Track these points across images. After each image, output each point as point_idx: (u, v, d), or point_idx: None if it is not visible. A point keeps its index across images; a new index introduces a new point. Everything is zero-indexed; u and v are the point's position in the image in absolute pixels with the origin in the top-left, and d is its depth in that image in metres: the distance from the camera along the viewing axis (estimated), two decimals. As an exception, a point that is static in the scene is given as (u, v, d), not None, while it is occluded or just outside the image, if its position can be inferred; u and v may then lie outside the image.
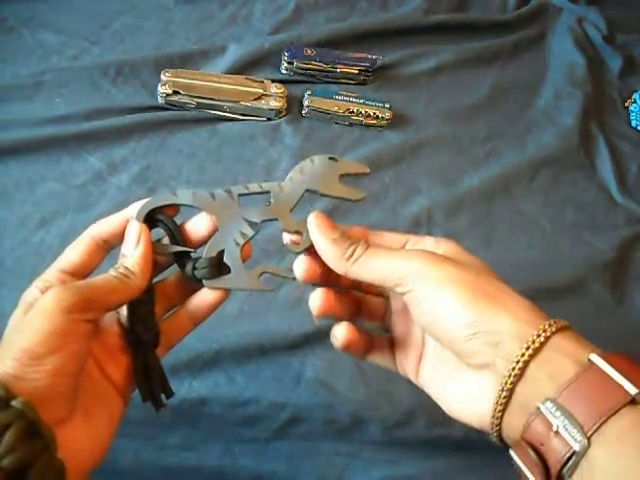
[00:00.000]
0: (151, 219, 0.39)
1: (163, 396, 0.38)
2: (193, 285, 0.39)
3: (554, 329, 0.33)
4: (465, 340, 0.34)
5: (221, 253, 0.39)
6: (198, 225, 0.40)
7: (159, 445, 0.63)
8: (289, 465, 0.65)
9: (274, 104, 0.82)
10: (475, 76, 0.96)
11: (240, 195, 0.40)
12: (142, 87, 0.82)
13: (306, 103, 0.83)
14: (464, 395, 0.36)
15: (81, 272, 0.37)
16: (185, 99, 0.80)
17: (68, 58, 0.84)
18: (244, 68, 0.86)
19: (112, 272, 0.36)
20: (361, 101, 0.84)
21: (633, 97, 0.97)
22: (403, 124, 0.87)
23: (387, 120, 0.84)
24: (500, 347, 0.33)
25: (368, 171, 0.42)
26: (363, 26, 0.95)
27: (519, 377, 0.32)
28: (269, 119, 0.83)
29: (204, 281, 0.39)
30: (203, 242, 0.40)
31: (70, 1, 0.90)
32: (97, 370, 0.36)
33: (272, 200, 0.40)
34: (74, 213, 0.70)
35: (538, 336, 0.33)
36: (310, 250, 0.40)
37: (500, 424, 0.34)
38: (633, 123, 0.95)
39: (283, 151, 0.80)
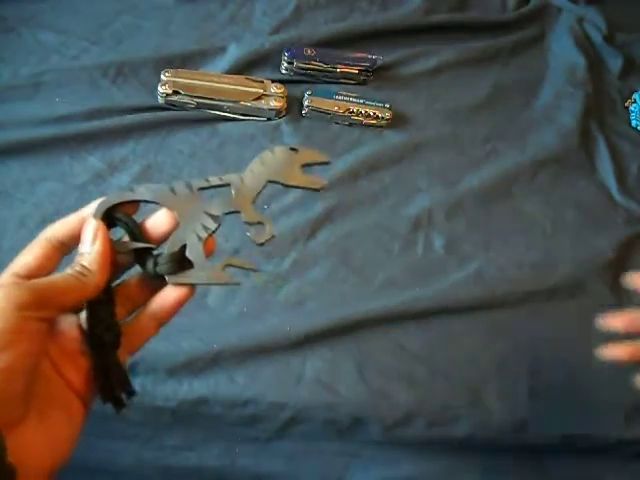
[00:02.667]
0: (109, 218, 0.38)
1: (125, 396, 0.37)
2: (156, 284, 0.38)
3: None
4: None
5: (183, 247, 0.38)
6: (159, 221, 0.39)
7: (159, 445, 0.63)
8: (289, 465, 0.65)
9: (274, 104, 0.82)
10: (475, 76, 0.96)
11: (200, 189, 0.39)
12: (142, 87, 0.82)
13: (306, 103, 0.83)
14: None
15: (37, 275, 0.35)
16: (185, 99, 0.80)
17: (68, 58, 0.84)
18: (244, 68, 0.86)
19: (68, 270, 0.35)
20: (361, 101, 0.84)
21: (633, 97, 0.97)
22: (403, 124, 0.87)
23: (387, 120, 0.84)
24: None
25: (329, 160, 0.42)
26: (363, 26, 0.95)
27: None
28: (269, 119, 0.83)
29: (167, 277, 0.37)
30: (164, 239, 0.38)
31: (70, 1, 0.90)
32: (55, 374, 0.35)
33: (233, 192, 0.40)
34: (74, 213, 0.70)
35: None
36: None
37: None
38: (633, 123, 0.95)
39: (283, 151, 0.80)
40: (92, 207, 0.37)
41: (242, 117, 0.82)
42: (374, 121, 0.84)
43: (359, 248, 0.74)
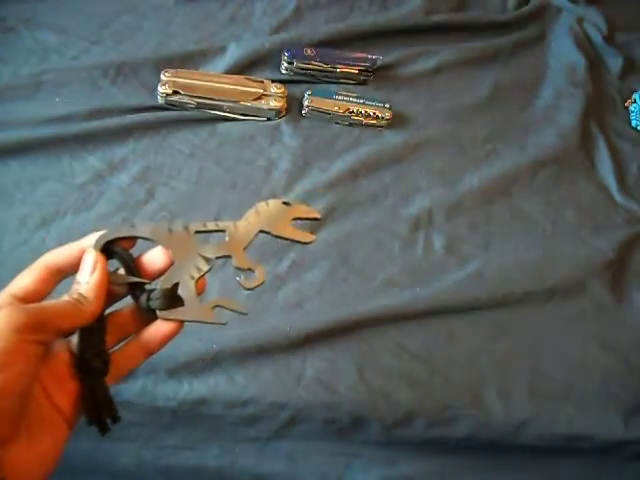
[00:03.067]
0: (107, 250, 0.40)
1: (109, 421, 0.38)
2: (146, 317, 0.40)
3: None
4: None
5: (176, 285, 0.40)
6: (154, 258, 0.41)
7: (159, 445, 0.63)
8: (289, 465, 0.65)
9: (274, 104, 0.82)
10: (475, 76, 0.96)
11: (197, 232, 0.41)
12: (142, 87, 0.82)
13: (306, 103, 0.83)
14: None
15: (32, 299, 0.37)
16: (185, 99, 0.80)
17: (68, 58, 0.84)
18: (244, 68, 0.86)
19: (66, 297, 0.37)
20: (361, 101, 0.84)
21: (633, 97, 0.97)
22: (403, 124, 0.87)
23: (387, 120, 0.84)
24: None
25: (319, 216, 0.45)
26: (363, 26, 0.95)
27: None
28: (269, 119, 0.83)
29: (158, 312, 0.39)
30: (158, 275, 0.40)
31: (70, 1, 0.90)
32: (44, 396, 0.36)
33: (227, 238, 0.42)
34: (74, 213, 0.70)
35: None
36: None
37: None
38: (633, 123, 0.95)
39: (283, 151, 0.80)
40: (92, 238, 0.39)
41: (242, 117, 0.82)
42: (374, 121, 0.84)
43: (359, 248, 0.74)
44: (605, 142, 0.91)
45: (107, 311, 0.40)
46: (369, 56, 0.89)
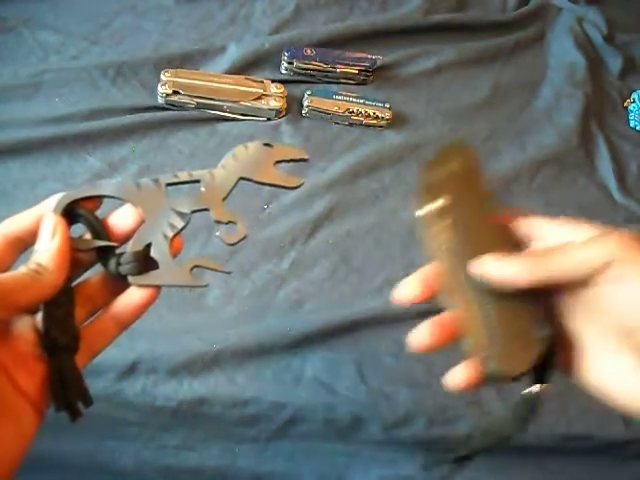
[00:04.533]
0: (71, 214, 0.35)
1: (81, 405, 0.34)
2: (118, 285, 0.36)
3: None
4: None
5: (148, 247, 0.35)
6: (122, 218, 0.36)
7: (159, 445, 0.63)
8: (289, 465, 0.65)
9: (274, 104, 0.82)
10: (475, 76, 0.96)
11: (168, 185, 0.37)
12: (142, 87, 0.82)
13: (306, 103, 0.83)
14: None
15: None
16: (185, 99, 0.80)
17: (68, 58, 0.84)
18: (244, 68, 0.86)
19: (22, 268, 0.32)
20: (361, 101, 0.84)
21: (632, 97, 0.97)
22: (403, 124, 0.87)
23: (387, 120, 0.84)
24: None
25: (307, 157, 0.40)
26: (363, 26, 0.95)
27: None
28: (269, 119, 0.83)
29: (130, 278, 0.35)
30: (129, 237, 0.36)
31: (70, 1, 0.90)
32: (6, 380, 0.32)
33: (203, 189, 0.38)
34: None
35: None
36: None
37: None
38: (632, 123, 0.95)
39: (283, 151, 0.80)
40: (52, 201, 0.35)
41: (242, 117, 0.82)
42: (374, 121, 0.84)
43: (359, 248, 0.74)
44: (605, 142, 0.91)
45: (76, 282, 0.36)
46: (369, 56, 0.89)
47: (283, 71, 0.88)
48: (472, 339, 0.38)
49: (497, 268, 0.37)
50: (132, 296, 0.36)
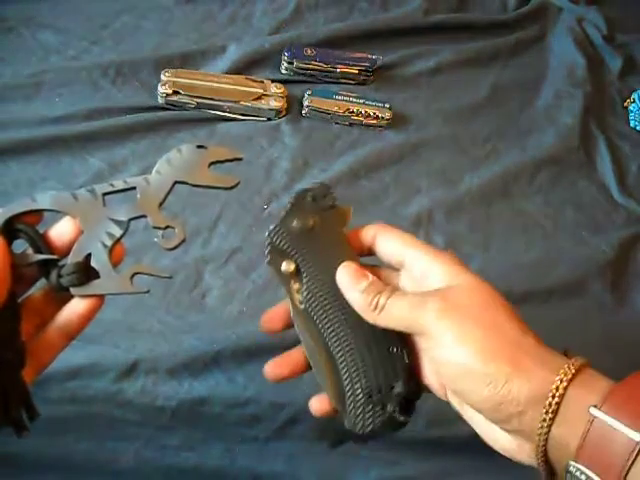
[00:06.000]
0: (10, 230, 0.36)
1: (26, 418, 0.35)
2: (62, 297, 0.36)
3: (566, 382, 0.33)
4: (492, 411, 0.35)
5: (88, 257, 0.36)
6: (62, 230, 0.37)
7: (159, 445, 0.63)
8: (289, 465, 0.65)
9: (274, 104, 0.82)
10: (475, 76, 0.96)
11: (105, 194, 0.38)
12: (142, 87, 0.82)
13: (306, 103, 0.83)
14: (505, 442, 0.37)
15: None
16: (185, 99, 0.80)
17: (68, 58, 0.84)
18: (244, 68, 0.86)
19: None
20: (361, 101, 0.84)
21: (632, 97, 0.97)
22: (403, 124, 0.87)
23: (387, 120, 0.84)
24: (524, 416, 0.34)
25: (242, 156, 0.40)
26: (363, 26, 0.95)
27: (546, 442, 0.33)
28: (269, 119, 0.83)
29: (72, 289, 0.36)
30: (70, 248, 0.37)
31: (70, 1, 0.90)
32: None
33: (139, 196, 0.38)
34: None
35: (553, 397, 0.33)
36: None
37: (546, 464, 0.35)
38: (632, 123, 0.95)
39: (283, 151, 0.80)
40: None
41: (242, 117, 0.82)
42: (374, 121, 0.84)
43: (359, 248, 0.74)
44: (605, 142, 0.91)
45: (21, 297, 0.36)
46: (369, 56, 0.89)
47: (283, 71, 0.88)
48: (326, 390, 0.42)
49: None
50: (76, 307, 0.36)
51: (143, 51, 0.86)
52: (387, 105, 0.85)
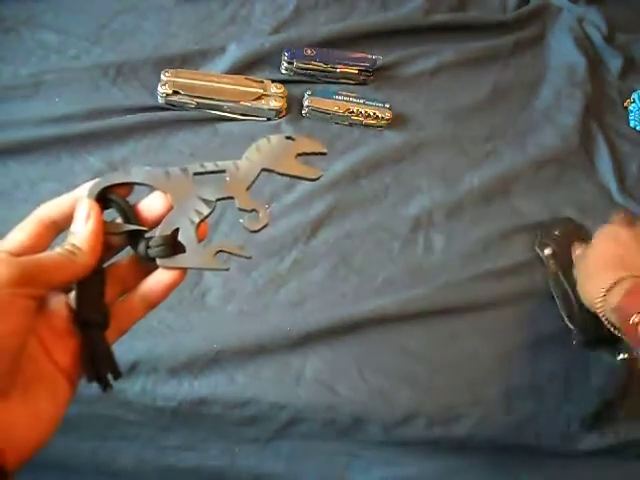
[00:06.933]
0: (103, 199, 0.38)
1: (110, 377, 0.36)
2: (147, 267, 0.38)
3: None
4: None
5: (176, 231, 0.38)
6: (152, 204, 0.39)
7: (159, 445, 0.63)
8: (289, 465, 0.65)
9: (274, 104, 0.82)
10: (475, 76, 0.96)
11: (195, 174, 0.39)
12: (142, 87, 0.82)
13: (306, 103, 0.83)
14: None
15: (28, 253, 0.35)
16: (185, 99, 0.80)
17: (68, 58, 0.84)
18: (244, 68, 0.86)
19: (58, 249, 0.35)
20: (361, 101, 0.84)
21: (632, 97, 0.97)
22: (403, 124, 0.87)
23: (387, 120, 0.84)
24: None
25: (326, 151, 0.41)
26: (363, 26, 0.95)
27: None
28: (269, 119, 0.83)
29: (158, 260, 0.37)
30: (157, 222, 0.38)
31: (70, 1, 0.90)
32: (42, 353, 0.34)
33: (228, 178, 0.40)
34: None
35: None
36: None
37: None
38: (631, 123, 0.95)
39: (283, 151, 0.80)
40: (86, 187, 0.37)
41: (242, 117, 0.82)
42: (374, 121, 0.84)
43: (359, 248, 0.74)
44: (605, 142, 0.91)
45: (107, 263, 0.38)
46: (369, 56, 0.89)
47: (283, 71, 0.88)
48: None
49: None
50: (159, 278, 0.38)
51: (143, 51, 0.86)
52: (387, 105, 0.85)
